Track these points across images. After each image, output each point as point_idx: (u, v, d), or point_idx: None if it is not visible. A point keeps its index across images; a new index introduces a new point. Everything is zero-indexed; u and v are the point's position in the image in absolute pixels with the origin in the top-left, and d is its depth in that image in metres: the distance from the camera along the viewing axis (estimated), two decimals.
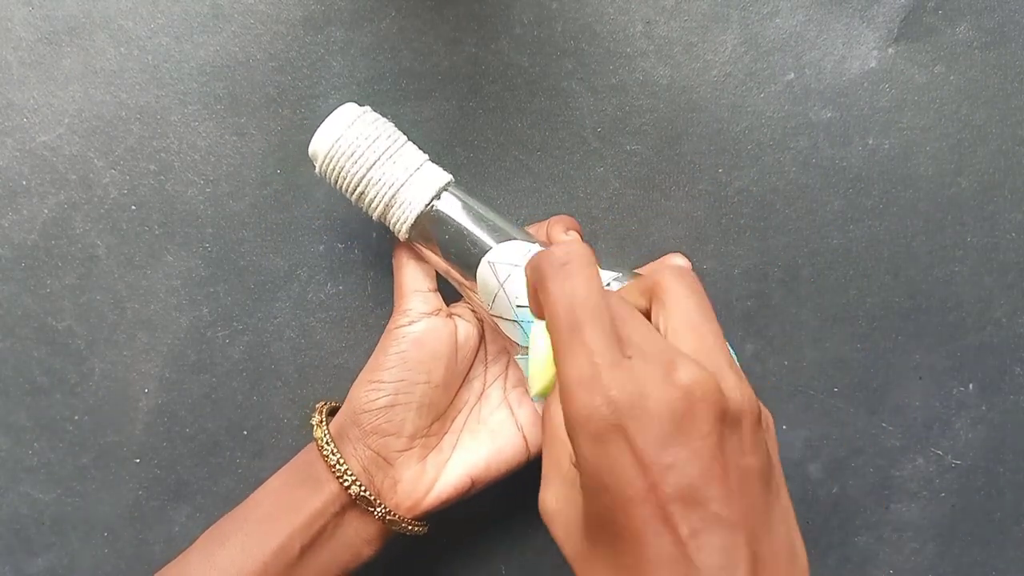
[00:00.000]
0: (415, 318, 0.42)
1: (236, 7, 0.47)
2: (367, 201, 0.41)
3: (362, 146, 0.40)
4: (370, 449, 0.41)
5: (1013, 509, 0.48)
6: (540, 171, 0.48)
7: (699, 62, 0.48)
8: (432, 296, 0.43)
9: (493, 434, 0.43)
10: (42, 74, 0.47)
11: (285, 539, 0.40)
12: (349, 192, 0.41)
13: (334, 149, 0.40)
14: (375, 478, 0.41)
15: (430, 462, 0.42)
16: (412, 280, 0.43)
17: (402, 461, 0.41)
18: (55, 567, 0.47)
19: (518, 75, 0.48)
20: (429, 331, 0.42)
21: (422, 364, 0.41)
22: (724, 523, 0.27)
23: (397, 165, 0.40)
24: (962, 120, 0.48)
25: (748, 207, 0.48)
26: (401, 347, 0.41)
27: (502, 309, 0.40)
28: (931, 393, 0.48)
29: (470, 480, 0.42)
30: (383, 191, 0.40)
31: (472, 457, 0.43)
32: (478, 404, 0.44)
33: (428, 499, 0.42)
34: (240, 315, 0.47)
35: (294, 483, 0.41)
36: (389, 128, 0.41)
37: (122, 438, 0.47)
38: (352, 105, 0.41)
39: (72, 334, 0.47)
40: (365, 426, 0.41)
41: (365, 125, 0.40)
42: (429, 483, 0.42)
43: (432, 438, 0.43)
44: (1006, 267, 0.48)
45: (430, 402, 0.42)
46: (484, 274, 0.40)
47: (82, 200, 0.47)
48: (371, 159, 0.40)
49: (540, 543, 0.48)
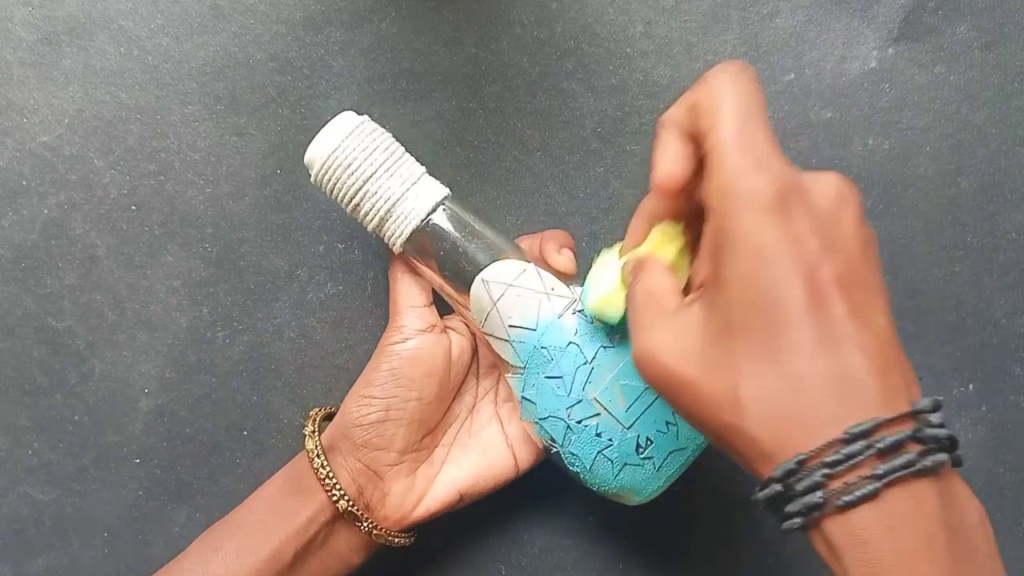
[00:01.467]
0: (409, 335, 0.41)
1: (236, 7, 0.47)
2: (362, 213, 0.41)
3: (359, 158, 0.40)
4: (360, 462, 0.41)
5: (1013, 509, 0.48)
6: (540, 171, 0.48)
7: (699, 62, 0.48)
8: (427, 312, 0.42)
9: (483, 449, 0.43)
10: (42, 74, 0.47)
11: (278, 546, 0.40)
12: (344, 203, 0.41)
13: (330, 160, 0.40)
14: (365, 490, 0.41)
15: (420, 476, 0.42)
16: (407, 295, 0.42)
17: (392, 475, 0.41)
18: (55, 567, 0.47)
19: (518, 75, 0.48)
20: (423, 348, 0.41)
21: (414, 381, 0.41)
22: (876, 303, 0.31)
23: (394, 178, 0.40)
24: (962, 120, 0.48)
25: None
26: (394, 364, 0.41)
27: (494, 327, 0.40)
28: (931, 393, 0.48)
29: (459, 495, 0.42)
30: (379, 204, 0.40)
31: (461, 472, 0.43)
32: (469, 418, 0.45)
33: (416, 512, 0.42)
34: (240, 315, 0.47)
35: (288, 490, 0.42)
36: (387, 139, 0.41)
37: (122, 438, 0.47)
38: (351, 114, 0.41)
39: (72, 334, 0.47)
40: (356, 440, 0.41)
41: (363, 136, 0.40)
42: (418, 496, 0.42)
43: (422, 452, 0.43)
44: (1006, 267, 0.48)
45: (421, 418, 0.42)
46: (478, 292, 0.40)
47: (82, 200, 0.47)
48: (368, 172, 0.40)
49: (540, 544, 0.48)
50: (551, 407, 0.40)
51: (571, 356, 0.40)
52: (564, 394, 0.40)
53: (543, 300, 0.40)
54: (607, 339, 0.40)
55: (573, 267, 0.42)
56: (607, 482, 0.40)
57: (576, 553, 0.48)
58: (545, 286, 0.41)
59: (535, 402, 0.40)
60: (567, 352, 0.40)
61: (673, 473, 0.40)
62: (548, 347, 0.40)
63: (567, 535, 0.48)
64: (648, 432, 0.40)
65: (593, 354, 0.40)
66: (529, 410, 0.41)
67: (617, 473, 0.40)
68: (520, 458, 0.43)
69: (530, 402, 0.41)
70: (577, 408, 0.40)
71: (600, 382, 0.40)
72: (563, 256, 0.42)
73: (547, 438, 0.41)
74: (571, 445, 0.40)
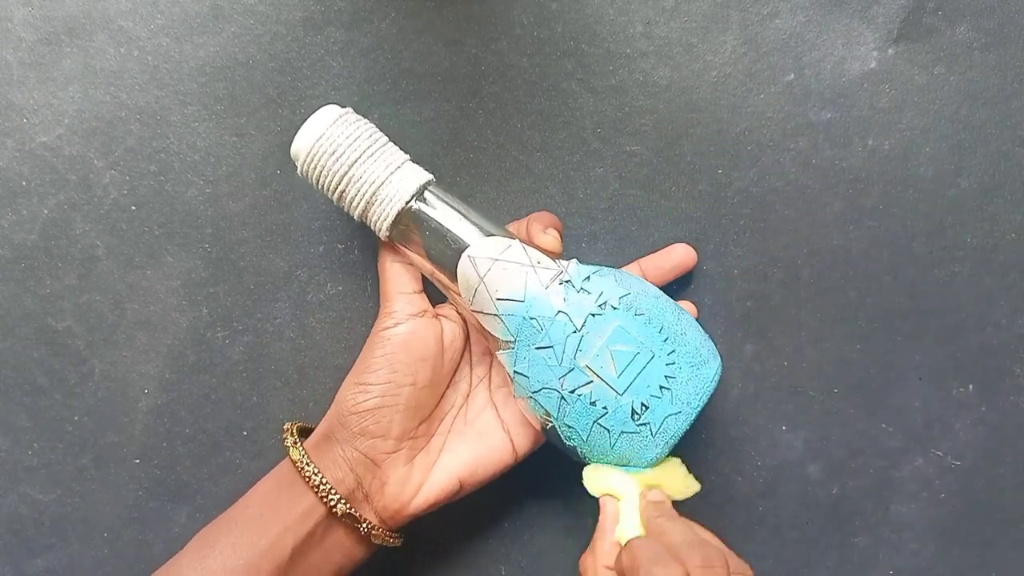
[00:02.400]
0: (400, 319, 0.42)
1: (236, 8, 0.47)
2: (348, 199, 0.41)
3: (343, 144, 0.40)
4: (358, 451, 0.41)
5: (1013, 510, 0.48)
6: (540, 171, 0.48)
7: (699, 63, 0.48)
8: (417, 298, 0.43)
9: (480, 436, 0.43)
10: (42, 75, 0.47)
11: (275, 538, 0.40)
12: (330, 191, 0.41)
13: (316, 147, 0.40)
14: (363, 480, 0.41)
15: (417, 464, 0.42)
16: (397, 282, 0.43)
17: (390, 463, 0.41)
18: (55, 567, 0.47)
19: (518, 76, 0.48)
20: (414, 333, 0.42)
21: (408, 366, 0.41)
22: None
23: (378, 163, 0.41)
24: (962, 121, 0.48)
25: (748, 208, 0.48)
26: (387, 349, 0.41)
27: (483, 303, 0.41)
28: (931, 394, 0.48)
29: (458, 482, 0.42)
30: (364, 188, 0.41)
31: (459, 459, 0.43)
32: (464, 405, 0.45)
33: (416, 501, 0.42)
34: (240, 316, 0.47)
35: (283, 484, 0.41)
36: (370, 128, 0.41)
37: (122, 439, 0.47)
38: (334, 106, 0.41)
39: (72, 334, 0.47)
40: (353, 428, 0.41)
41: (347, 124, 0.41)
42: (417, 485, 0.42)
43: (420, 440, 0.43)
44: (1006, 268, 0.48)
45: (416, 403, 0.42)
46: (464, 269, 0.41)
47: (82, 200, 0.47)
48: (352, 157, 0.40)
49: (539, 544, 0.48)
50: (543, 379, 0.40)
51: (560, 325, 0.40)
52: (556, 364, 0.40)
53: (529, 272, 0.41)
54: (595, 307, 0.40)
55: (559, 246, 0.42)
56: (605, 452, 0.41)
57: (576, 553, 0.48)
58: (531, 260, 0.41)
59: (527, 375, 0.40)
60: (556, 321, 0.40)
61: (672, 438, 0.40)
62: (537, 317, 0.40)
63: (567, 535, 0.48)
64: (642, 397, 0.40)
65: (582, 322, 0.40)
66: (522, 385, 0.41)
67: (614, 442, 0.40)
68: (518, 443, 0.43)
69: (523, 375, 0.41)
70: (569, 377, 0.40)
71: (591, 349, 0.40)
72: (549, 235, 0.42)
73: (542, 413, 0.41)
74: (566, 417, 0.40)
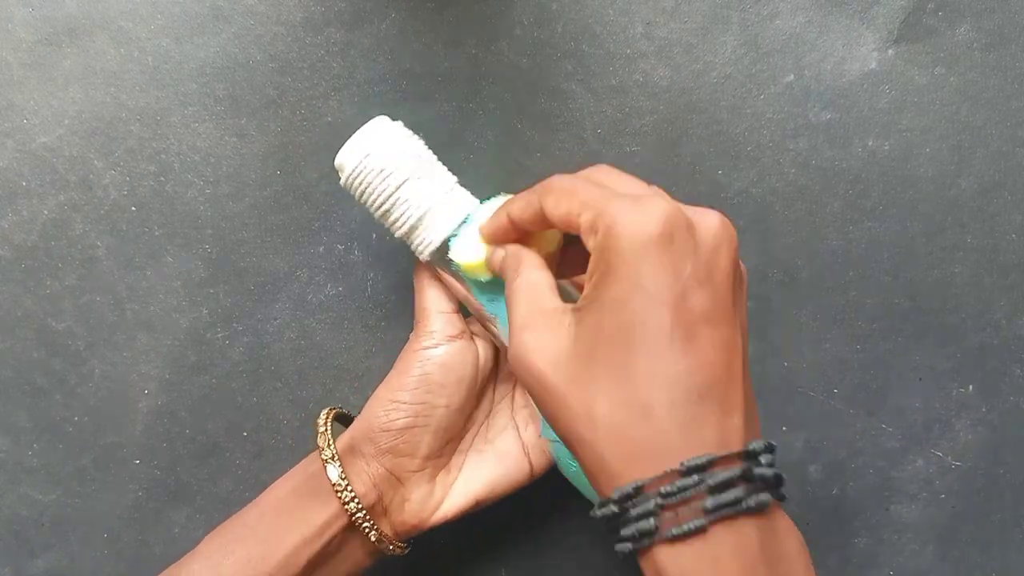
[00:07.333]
0: (440, 340, 0.41)
1: (236, 8, 0.47)
2: (392, 220, 0.40)
3: (391, 164, 0.39)
4: (383, 467, 0.41)
5: (1013, 511, 0.48)
6: (540, 172, 0.48)
7: (699, 64, 0.48)
8: (456, 318, 0.42)
9: (499, 456, 0.43)
10: (42, 75, 0.47)
11: (292, 550, 0.39)
12: (374, 209, 0.40)
13: (363, 164, 0.39)
14: (384, 496, 0.41)
15: (439, 483, 0.42)
16: (435, 301, 0.42)
17: (414, 481, 0.41)
18: (55, 568, 0.47)
19: (518, 76, 0.48)
20: (454, 355, 0.41)
21: (444, 388, 0.41)
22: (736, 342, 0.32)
23: (426, 187, 0.40)
24: (962, 121, 0.48)
25: (748, 208, 0.48)
26: (425, 369, 0.41)
27: None
28: (931, 394, 0.48)
29: (476, 501, 0.42)
30: (410, 212, 0.40)
31: (478, 479, 0.42)
32: (485, 423, 0.44)
33: (434, 518, 0.42)
34: (240, 316, 0.47)
35: (303, 492, 0.41)
36: (420, 147, 0.40)
37: (122, 439, 0.47)
38: (385, 119, 0.40)
39: (72, 335, 0.47)
40: (381, 445, 0.41)
41: (397, 142, 0.39)
42: (436, 503, 0.42)
43: (443, 458, 0.42)
44: (1006, 268, 0.48)
45: (447, 425, 0.41)
46: None
47: (82, 201, 0.47)
48: (400, 179, 0.39)
49: (540, 544, 0.48)
50: None
51: None
52: None
53: None
54: None
55: None
56: None
57: (576, 553, 0.48)
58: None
59: None
60: None
61: None
62: None
63: (567, 535, 0.48)
64: None
65: None
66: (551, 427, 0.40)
67: None
68: (535, 463, 0.43)
69: None
70: None
71: None
72: None
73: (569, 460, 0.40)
74: None
